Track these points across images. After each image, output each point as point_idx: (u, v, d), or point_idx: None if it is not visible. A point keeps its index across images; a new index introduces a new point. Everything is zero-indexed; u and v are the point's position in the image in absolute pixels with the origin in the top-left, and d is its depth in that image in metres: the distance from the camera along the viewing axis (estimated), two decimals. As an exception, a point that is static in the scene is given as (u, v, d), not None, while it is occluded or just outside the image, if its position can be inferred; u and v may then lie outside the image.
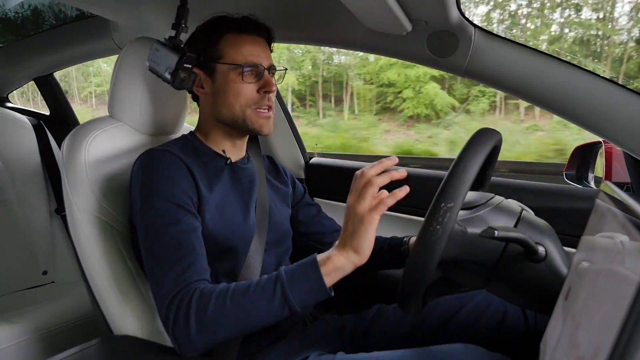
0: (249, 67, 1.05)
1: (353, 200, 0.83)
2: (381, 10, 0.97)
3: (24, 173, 1.86)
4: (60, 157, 1.14)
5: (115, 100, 1.20)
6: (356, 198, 0.82)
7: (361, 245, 0.83)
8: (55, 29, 1.89)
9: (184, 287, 0.87)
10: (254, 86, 1.06)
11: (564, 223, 1.26)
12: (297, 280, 0.84)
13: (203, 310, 0.84)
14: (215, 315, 0.84)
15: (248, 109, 1.06)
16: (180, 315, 0.85)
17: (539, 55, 1.03)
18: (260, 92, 1.06)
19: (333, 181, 1.76)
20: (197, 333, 0.84)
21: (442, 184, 0.78)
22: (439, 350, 0.89)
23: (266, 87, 1.06)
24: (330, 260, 0.84)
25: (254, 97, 1.06)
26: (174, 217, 0.94)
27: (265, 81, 1.06)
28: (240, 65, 1.04)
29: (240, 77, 1.04)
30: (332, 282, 0.85)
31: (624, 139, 0.97)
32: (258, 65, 1.06)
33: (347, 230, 0.84)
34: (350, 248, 0.84)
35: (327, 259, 0.85)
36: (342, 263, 0.84)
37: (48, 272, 1.87)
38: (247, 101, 1.06)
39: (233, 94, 1.05)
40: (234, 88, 1.05)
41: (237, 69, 1.04)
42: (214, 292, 0.86)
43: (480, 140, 0.82)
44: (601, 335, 0.43)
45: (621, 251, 0.54)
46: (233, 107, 1.06)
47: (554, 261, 0.81)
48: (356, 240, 0.83)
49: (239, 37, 1.06)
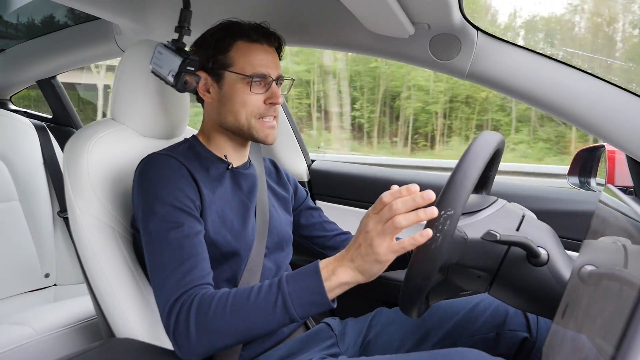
0: (258, 78, 1.05)
1: (372, 226, 0.77)
2: (384, 13, 0.97)
3: (27, 175, 1.86)
4: (62, 159, 1.14)
5: (118, 103, 1.20)
6: (378, 227, 0.77)
7: (370, 273, 0.80)
8: (59, 31, 1.90)
9: (185, 292, 0.87)
10: (261, 97, 1.06)
11: (566, 226, 1.26)
12: (299, 293, 0.82)
13: (203, 316, 0.83)
14: (214, 322, 0.83)
15: (253, 119, 1.06)
16: (180, 320, 0.85)
17: (542, 58, 1.03)
18: (266, 103, 1.06)
19: (336, 184, 1.76)
20: (196, 338, 0.83)
21: (442, 191, 0.78)
22: (441, 354, 0.88)
23: (273, 98, 1.06)
24: (335, 275, 0.81)
25: (260, 108, 1.06)
26: (176, 221, 0.94)
27: (272, 92, 1.06)
28: (249, 76, 1.04)
29: (248, 88, 1.04)
30: (335, 296, 0.83)
31: (627, 142, 0.96)
32: (267, 76, 1.06)
33: (359, 252, 0.80)
34: (358, 270, 0.81)
35: (332, 273, 0.81)
36: (347, 279, 0.81)
37: (50, 274, 1.87)
38: (253, 111, 1.06)
39: (240, 103, 1.05)
40: (241, 97, 1.05)
41: (246, 79, 1.04)
42: (214, 298, 0.85)
43: (480, 145, 0.82)
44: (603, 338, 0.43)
45: (623, 255, 0.54)
46: (239, 115, 1.06)
47: (556, 265, 0.81)
48: (366, 268, 0.80)
49: (251, 46, 1.06)
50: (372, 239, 0.77)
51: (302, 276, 0.84)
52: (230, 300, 0.84)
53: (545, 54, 1.03)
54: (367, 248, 0.78)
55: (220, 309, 0.83)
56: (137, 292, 1.09)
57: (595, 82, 0.99)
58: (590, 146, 1.52)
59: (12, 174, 1.83)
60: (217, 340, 0.84)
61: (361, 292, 1.57)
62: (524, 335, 1.04)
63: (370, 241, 0.77)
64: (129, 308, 1.06)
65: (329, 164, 1.83)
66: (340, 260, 0.82)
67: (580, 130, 2.09)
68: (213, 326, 0.83)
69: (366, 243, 0.78)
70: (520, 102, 1.12)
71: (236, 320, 0.83)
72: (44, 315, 1.49)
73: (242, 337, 0.85)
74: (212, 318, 0.83)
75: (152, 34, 1.50)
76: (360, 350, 1.13)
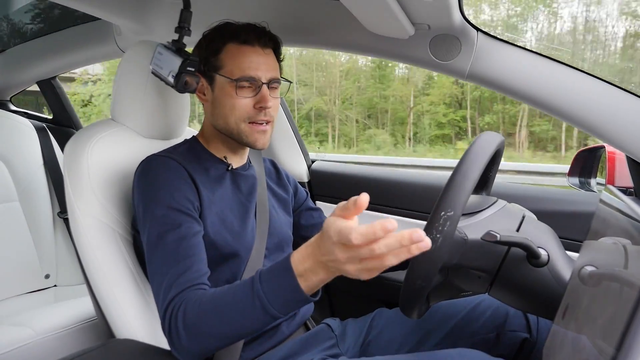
0: (245, 82, 1.02)
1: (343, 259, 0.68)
2: (384, 14, 0.97)
3: (27, 176, 1.86)
4: (62, 160, 1.14)
5: (118, 103, 1.20)
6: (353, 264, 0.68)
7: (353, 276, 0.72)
8: (59, 32, 1.89)
9: (178, 294, 0.87)
10: (250, 101, 1.04)
11: (567, 227, 1.26)
12: (275, 293, 0.77)
13: (190, 319, 0.83)
14: (199, 325, 0.82)
15: (242, 123, 1.04)
16: (172, 322, 0.85)
17: (542, 58, 1.03)
18: (256, 107, 1.04)
19: (335, 185, 1.76)
20: (187, 340, 0.83)
21: (442, 192, 0.78)
22: (441, 355, 0.88)
23: (262, 102, 1.03)
24: (314, 272, 0.74)
25: (249, 112, 1.04)
26: (173, 222, 0.94)
27: (262, 96, 1.03)
28: (235, 80, 1.02)
29: (235, 92, 1.03)
30: (315, 290, 0.77)
31: (627, 143, 0.96)
32: (256, 80, 1.03)
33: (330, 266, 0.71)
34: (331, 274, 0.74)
35: (310, 271, 0.74)
36: (325, 276, 0.74)
37: (50, 275, 1.87)
38: (242, 115, 1.04)
39: (228, 107, 1.04)
40: (230, 102, 1.03)
41: (232, 83, 1.02)
42: (198, 300, 0.84)
43: (480, 146, 0.82)
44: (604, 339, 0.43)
45: (624, 255, 0.54)
46: (227, 119, 1.05)
47: (557, 265, 0.81)
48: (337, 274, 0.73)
49: (240, 48, 1.04)
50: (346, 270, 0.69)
51: (274, 275, 0.78)
52: (211, 304, 0.83)
53: (545, 55, 1.03)
54: (338, 271, 0.71)
55: (203, 313, 0.83)
56: (138, 293, 1.09)
57: (596, 83, 0.99)
58: (590, 147, 1.52)
59: (12, 174, 1.83)
60: (206, 342, 0.83)
61: (361, 292, 1.58)
62: (525, 335, 1.04)
63: (341, 269, 0.70)
64: (129, 309, 1.06)
65: (329, 165, 1.84)
66: (315, 261, 0.74)
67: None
68: (199, 329, 0.83)
69: (336, 269, 0.71)
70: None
71: (219, 323, 0.81)
72: (44, 316, 1.49)
73: (230, 339, 0.84)
74: (197, 321, 0.82)
75: (152, 35, 1.50)
76: (360, 350, 1.13)
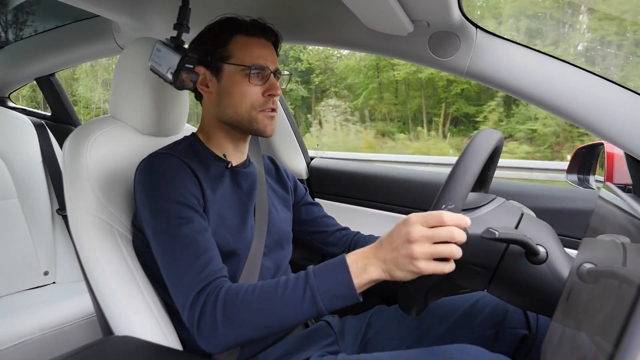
0: (256, 70, 1.05)
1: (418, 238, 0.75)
2: (383, 11, 0.97)
3: (26, 173, 1.86)
4: (61, 157, 1.14)
5: (117, 100, 1.20)
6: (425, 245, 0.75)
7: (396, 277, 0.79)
8: (58, 29, 1.89)
9: (208, 285, 0.88)
10: (260, 89, 1.06)
11: (565, 224, 1.26)
12: (327, 286, 0.82)
13: (230, 307, 0.84)
14: (242, 313, 0.83)
15: (253, 111, 1.07)
16: (207, 312, 0.85)
17: (541, 55, 1.03)
18: (265, 95, 1.07)
19: (334, 182, 1.76)
20: (223, 329, 0.84)
21: (443, 186, 0.78)
22: (440, 351, 0.89)
23: (272, 90, 1.07)
24: (366, 272, 0.80)
25: (259, 100, 1.06)
26: (185, 217, 0.94)
27: (271, 84, 1.07)
28: (248, 66, 1.05)
29: (247, 79, 1.05)
30: (361, 289, 0.82)
31: (625, 140, 0.96)
32: (265, 68, 1.06)
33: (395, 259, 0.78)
34: (387, 272, 0.79)
35: (363, 270, 0.80)
36: (376, 277, 0.80)
37: (49, 272, 1.87)
38: (253, 103, 1.06)
39: (239, 95, 1.06)
40: (240, 89, 1.05)
41: (245, 71, 1.05)
42: (241, 290, 0.86)
43: (481, 141, 0.82)
44: (602, 336, 0.43)
45: (622, 252, 0.54)
46: (238, 108, 1.06)
47: (555, 262, 0.81)
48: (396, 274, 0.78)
49: (249, 39, 1.07)
50: (415, 252, 0.75)
51: (329, 269, 0.83)
52: (257, 293, 0.85)
53: (544, 52, 1.03)
54: (405, 259, 0.76)
55: (248, 301, 0.84)
56: (136, 289, 1.09)
57: (594, 80, 0.99)
58: (589, 144, 1.52)
59: (10, 171, 1.82)
60: (243, 332, 0.84)
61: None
62: (524, 332, 1.04)
63: (410, 252, 0.75)
64: (127, 306, 1.06)
65: (328, 162, 1.84)
66: (371, 259, 0.81)
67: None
68: (241, 317, 0.83)
69: (406, 253, 0.76)
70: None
71: (264, 313, 0.83)
72: (43, 313, 1.50)
73: (269, 330, 0.85)
74: (240, 309, 0.84)
75: (151, 32, 1.50)
76: (359, 347, 1.13)
